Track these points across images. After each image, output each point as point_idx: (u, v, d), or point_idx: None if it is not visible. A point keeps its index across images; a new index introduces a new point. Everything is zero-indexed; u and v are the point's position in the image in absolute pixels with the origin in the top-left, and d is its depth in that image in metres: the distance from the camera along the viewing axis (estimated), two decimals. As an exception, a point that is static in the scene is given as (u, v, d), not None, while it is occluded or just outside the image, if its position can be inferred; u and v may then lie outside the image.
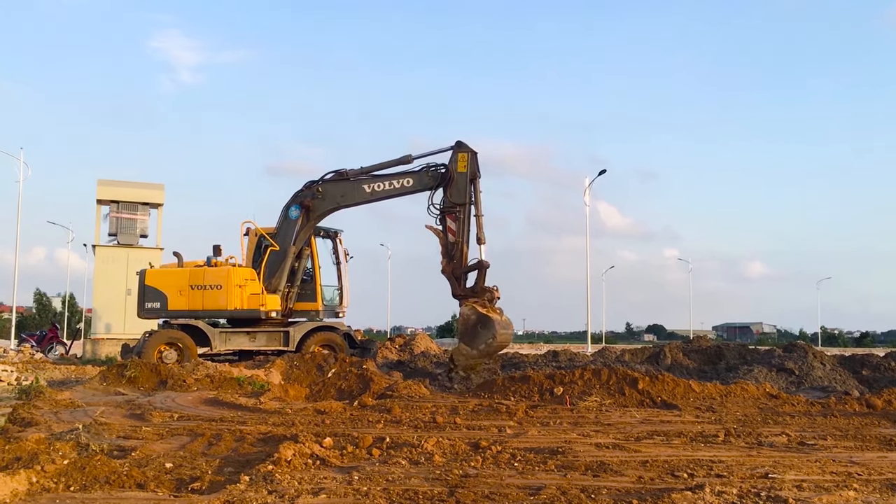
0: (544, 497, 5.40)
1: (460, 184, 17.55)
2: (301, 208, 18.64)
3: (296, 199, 18.80)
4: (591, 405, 11.58)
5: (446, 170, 17.73)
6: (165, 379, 13.70)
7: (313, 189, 18.58)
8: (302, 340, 18.96)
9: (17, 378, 15.24)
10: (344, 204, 18.75)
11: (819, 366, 16.33)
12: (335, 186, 18.53)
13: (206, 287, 18.77)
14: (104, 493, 5.43)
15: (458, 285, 17.11)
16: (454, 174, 17.55)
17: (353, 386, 13.47)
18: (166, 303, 18.72)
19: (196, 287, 18.76)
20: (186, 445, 7.63)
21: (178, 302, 18.73)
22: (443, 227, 17.56)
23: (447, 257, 17.37)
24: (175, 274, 19.07)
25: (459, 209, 17.46)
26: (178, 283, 18.89)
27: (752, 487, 5.73)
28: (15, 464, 5.88)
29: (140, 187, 27.86)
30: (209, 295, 18.73)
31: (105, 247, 26.76)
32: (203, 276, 18.82)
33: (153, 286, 18.87)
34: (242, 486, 5.57)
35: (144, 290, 18.87)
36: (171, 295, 18.75)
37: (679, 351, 19.48)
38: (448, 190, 17.57)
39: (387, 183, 18.25)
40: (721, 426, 9.46)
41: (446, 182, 17.63)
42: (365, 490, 5.54)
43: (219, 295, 18.68)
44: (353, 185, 18.39)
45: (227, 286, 18.66)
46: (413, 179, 18.18)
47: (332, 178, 18.58)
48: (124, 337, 23.36)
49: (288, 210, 18.85)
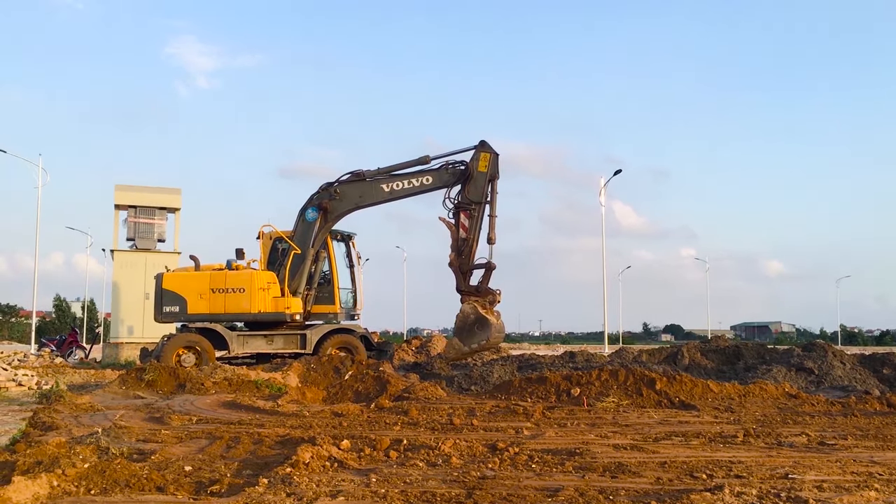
0: (562, 498, 5.39)
1: (479, 182, 17.72)
2: (318, 210, 18.70)
3: (313, 202, 18.86)
4: (609, 406, 11.54)
5: (466, 167, 17.88)
6: (184, 382, 13.77)
7: (330, 190, 18.65)
8: (319, 343, 19.03)
9: (37, 382, 15.38)
10: (363, 204, 18.84)
11: (839, 365, 16.19)
12: (353, 187, 18.64)
13: (229, 290, 18.84)
14: (124, 496, 5.47)
15: (464, 281, 17.35)
16: (474, 172, 17.69)
17: (370, 388, 13.50)
18: (186, 306, 18.76)
19: (217, 290, 18.82)
20: (205, 448, 7.67)
21: (199, 305, 18.76)
22: (455, 222, 17.71)
23: (456, 252, 17.60)
24: (195, 277, 19.10)
25: (475, 207, 17.64)
26: (198, 287, 18.91)
27: (771, 488, 5.69)
28: (36, 467, 5.93)
29: (157, 192, 28.06)
30: (232, 298, 18.80)
31: (123, 251, 26.95)
32: (225, 280, 18.88)
33: (171, 290, 18.89)
34: (261, 489, 5.59)
35: (162, 293, 18.89)
36: (191, 298, 18.79)
37: (697, 351, 19.36)
38: (466, 187, 17.71)
39: (406, 182, 18.38)
40: (740, 426, 9.41)
41: (465, 179, 17.77)
42: (383, 492, 5.55)
43: (242, 298, 18.77)
44: (372, 185, 18.52)
45: (250, 289, 18.77)
46: (433, 177, 18.30)
47: (349, 180, 18.68)
48: (143, 341, 23.50)
49: (305, 212, 18.91)
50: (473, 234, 17.64)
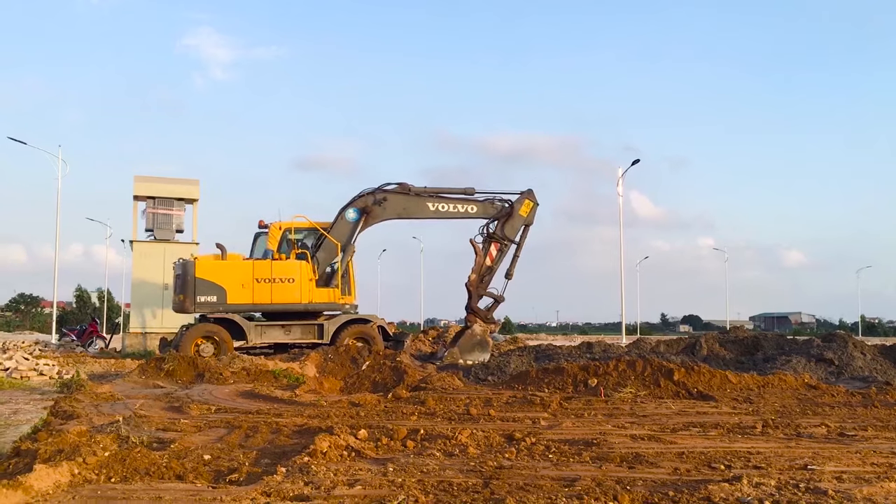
0: (579, 489, 5.38)
1: (517, 223, 19.93)
2: (360, 213, 19.45)
3: (357, 203, 19.56)
4: (626, 396, 11.51)
5: (511, 206, 19.90)
6: (202, 372, 13.88)
7: (377, 197, 19.48)
8: (336, 333, 19.11)
9: (58, 372, 15.55)
10: (404, 216, 20.13)
11: (859, 355, 16.05)
12: (400, 198, 19.67)
13: (276, 280, 18.81)
14: (144, 484, 5.51)
15: (476, 302, 19.61)
16: (515, 213, 19.85)
17: (387, 378, 13.55)
18: (225, 296, 18.44)
19: (263, 280, 18.67)
20: (224, 437, 7.72)
21: (241, 295, 18.53)
22: (484, 250, 19.75)
23: (478, 275, 19.70)
24: (235, 266, 18.82)
25: (507, 243, 19.87)
26: (240, 276, 18.64)
27: (790, 479, 5.66)
28: (57, 456, 5.99)
29: (175, 183, 28.16)
30: (279, 288, 18.74)
31: (142, 242, 27.11)
32: (270, 270, 18.85)
33: (207, 279, 18.41)
34: (279, 478, 5.62)
35: (196, 282, 18.29)
36: (231, 288, 18.48)
37: (715, 341, 19.25)
38: (505, 223, 19.82)
39: (451, 206, 19.91)
40: (759, 417, 9.35)
41: (505, 216, 19.84)
42: (400, 481, 5.57)
43: (292, 288, 18.81)
44: (417, 200, 19.73)
45: (300, 280, 18.87)
46: (478, 207, 20.03)
47: (397, 191, 19.65)
48: (162, 331, 23.66)
49: (345, 212, 19.52)
50: (497, 265, 19.82)
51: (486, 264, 19.77)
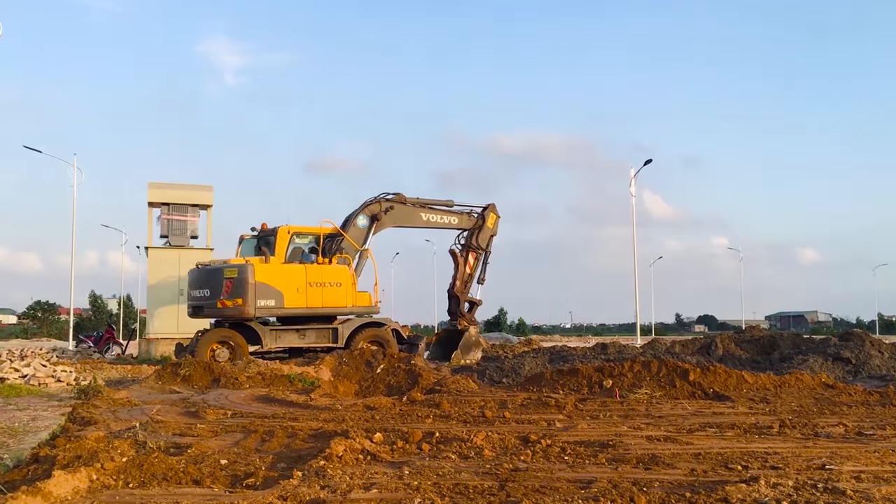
0: (595, 490, 5.37)
1: (486, 234, 23.12)
2: (369, 219, 20.55)
3: (366, 211, 20.63)
4: (642, 397, 11.48)
5: (482, 218, 22.97)
6: (218, 377, 13.94)
7: (384, 205, 20.88)
8: (350, 337, 19.19)
9: (75, 378, 15.64)
10: (403, 225, 21.67)
11: (877, 354, 15.94)
12: (401, 208, 21.33)
13: (326, 284, 18.94)
14: (162, 489, 5.54)
15: (461, 307, 22.70)
16: (485, 225, 23.03)
17: (402, 381, 13.56)
18: (282, 300, 18.43)
19: (315, 284, 18.80)
20: (240, 442, 7.75)
21: (296, 299, 18.59)
22: (464, 258, 22.70)
23: (462, 283, 22.73)
24: (290, 270, 18.82)
25: (482, 251, 23.02)
26: (294, 280, 18.66)
27: (808, 479, 5.62)
28: (76, 462, 6.03)
29: (189, 189, 28.31)
30: (329, 292, 18.97)
31: (157, 248, 27.26)
32: (320, 274, 18.94)
33: (266, 283, 18.28)
34: (295, 482, 5.64)
35: (255, 286, 18.09)
36: (288, 292, 18.49)
37: (731, 341, 19.17)
38: (478, 234, 22.89)
39: (438, 217, 22.35)
40: (776, 417, 9.30)
41: (478, 228, 22.91)
42: (416, 484, 5.57)
43: (339, 292, 19.06)
44: (413, 211, 21.68)
45: (345, 284, 19.19)
46: (458, 219, 22.76)
47: (397, 200, 21.20)
48: (178, 336, 23.78)
49: (356, 218, 20.38)
50: (475, 272, 23.00)
51: (466, 273, 22.74)
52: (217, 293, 18.30)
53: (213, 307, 18.51)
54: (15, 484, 5.45)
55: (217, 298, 18.30)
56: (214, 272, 18.71)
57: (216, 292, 18.34)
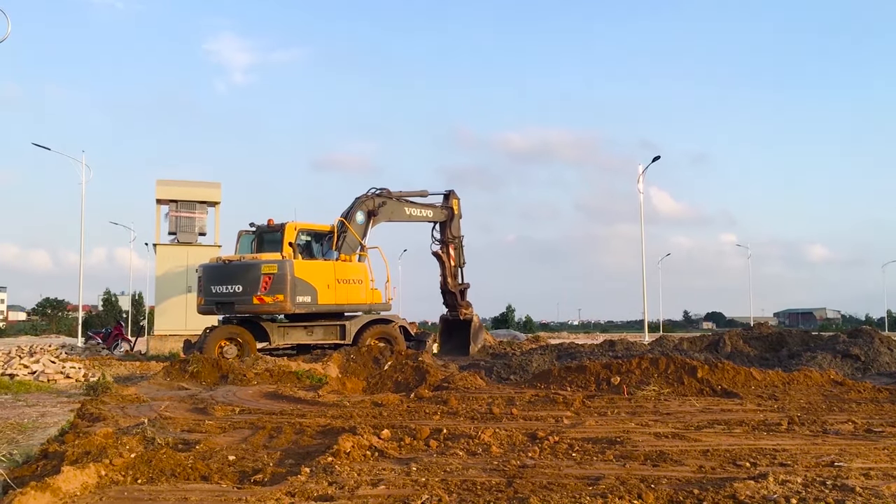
0: (603, 487, 5.36)
1: (457, 221, 23.55)
2: (366, 215, 20.62)
3: (362, 206, 20.68)
4: (650, 394, 11.45)
5: (449, 208, 23.31)
6: (226, 374, 13.97)
7: (377, 201, 21.04)
8: (358, 334, 19.18)
9: (84, 374, 15.70)
10: (392, 219, 21.81)
11: (886, 351, 15.88)
12: (392, 203, 21.54)
13: (351, 281, 19.15)
14: (170, 485, 5.56)
15: (459, 299, 23.41)
16: (455, 213, 23.42)
17: (410, 378, 13.56)
18: (316, 297, 18.51)
19: (342, 281, 18.97)
20: (248, 438, 7.77)
21: (328, 296, 18.70)
22: (447, 254, 23.20)
23: (452, 278, 23.31)
24: (324, 267, 18.96)
25: (457, 240, 23.52)
26: (325, 277, 18.77)
27: (817, 476, 5.60)
28: (84, 458, 6.06)
29: (197, 186, 28.32)
30: (352, 289, 19.17)
31: (165, 245, 27.31)
32: (346, 271, 19.11)
33: (304, 279, 18.30)
34: (303, 478, 5.65)
35: (295, 282, 18.08)
36: (321, 289, 18.60)
37: (739, 338, 19.12)
38: (450, 225, 23.28)
39: (419, 210, 22.64)
40: (784, 414, 9.27)
41: (449, 219, 23.27)
42: (423, 481, 5.58)
43: (360, 289, 19.28)
44: (399, 205, 21.90)
45: (365, 281, 19.52)
46: (434, 212, 23.07)
47: (385, 195, 21.42)
48: (186, 333, 23.82)
49: (355, 215, 20.33)
50: (460, 261, 23.67)
51: (452, 266, 23.38)
52: (254, 289, 17.93)
53: (248, 303, 18.08)
54: (24, 480, 5.48)
55: (254, 294, 17.92)
56: (249, 267, 18.30)
57: (252, 288, 17.95)
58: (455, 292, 23.33)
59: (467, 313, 23.49)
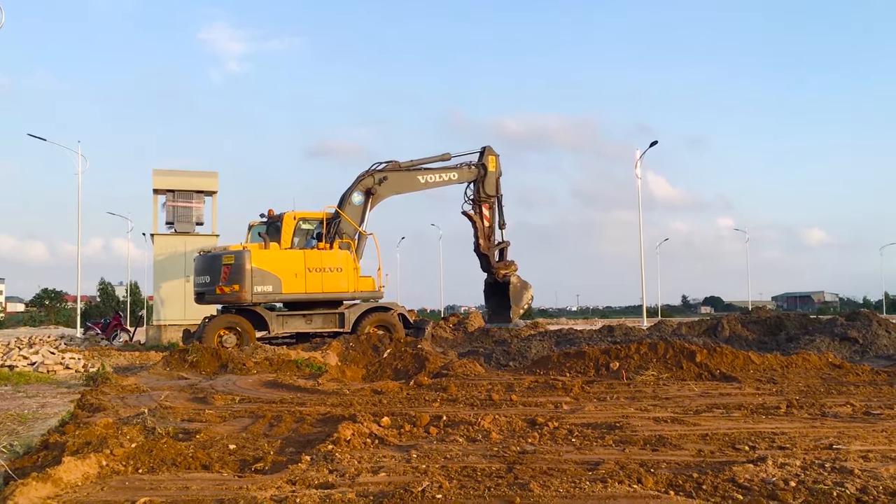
0: (603, 472, 5.38)
1: (492, 179, 22.44)
2: (364, 194, 20.15)
3: (359, 186, 20.16)
4: (648, 379, 11.48)
5: (482, 166, 22.30)
6: (226, 363, 13.98)
7: (376, 177, 20.33)
8: (357, 322, 19.19)
9: (84, 365, 15.71)
10: (402, 191, 21.15)
11: (884, 333, 15.91)
12: (396, 175, 20.75)
13: (326, 270, 18.85)
14: (171, 474, 5.57)
15: (495, 260, 22.40)
16: (488, 171, 22.35)
17: (409, 365, 13.58)
18: (280, 286, 18.41)
19: (314, 270, 18.71)
20: (248, 427, 7.78)
21: (295, 285, 18.54)
22: (479, 214, 22.28)
23: (485, 239, 22.36)
24: (288, 256, 18.77)
25: (493, 199, 22.51)
26: (293, 266, 18.59)
27: (816, 459, 5.62)
28: (85, 448, 6.06)
29: (194, 176, 28.22)
30: (329, 278, 18.86)
31: (163, 235, 27.27)
32: (321, 259, 18.86)
33: (263, 268, 18.25)
34: (304, 466, 5.66)
35: (252, 272, 18.05)
36: (286, 278, 18.44)
37: (737, 322, 19.15)
38: (483, 183, 22.30)
39: (437, 176, 21.68)
40: (783, 398, 9.30)
41: (481, 177, 22.25)
42: (424, 468, 5.59)
43: (340, 278, 18.98)
44: (409, 175, 21.06)
45: (346, 269, 19.09)
46: (457, 174, 22.06)
47: (391, 168, 20.69)
48: (185, 323, 23.83)
49: (351, 196, 19.96)
50: (493, 221, 22.59)
51: (486, 226, 22.37)
52: (216, 279, 18.40)
53: (213, 293, 18.59)
54: (25, 470, 5.49)
55: (216, 285, 18.39)
56: (213, 259, 18.80)
57: (215, 279, 18.43)
58: (488, 254, 22.34)
59: (506, 273, 22.43)
